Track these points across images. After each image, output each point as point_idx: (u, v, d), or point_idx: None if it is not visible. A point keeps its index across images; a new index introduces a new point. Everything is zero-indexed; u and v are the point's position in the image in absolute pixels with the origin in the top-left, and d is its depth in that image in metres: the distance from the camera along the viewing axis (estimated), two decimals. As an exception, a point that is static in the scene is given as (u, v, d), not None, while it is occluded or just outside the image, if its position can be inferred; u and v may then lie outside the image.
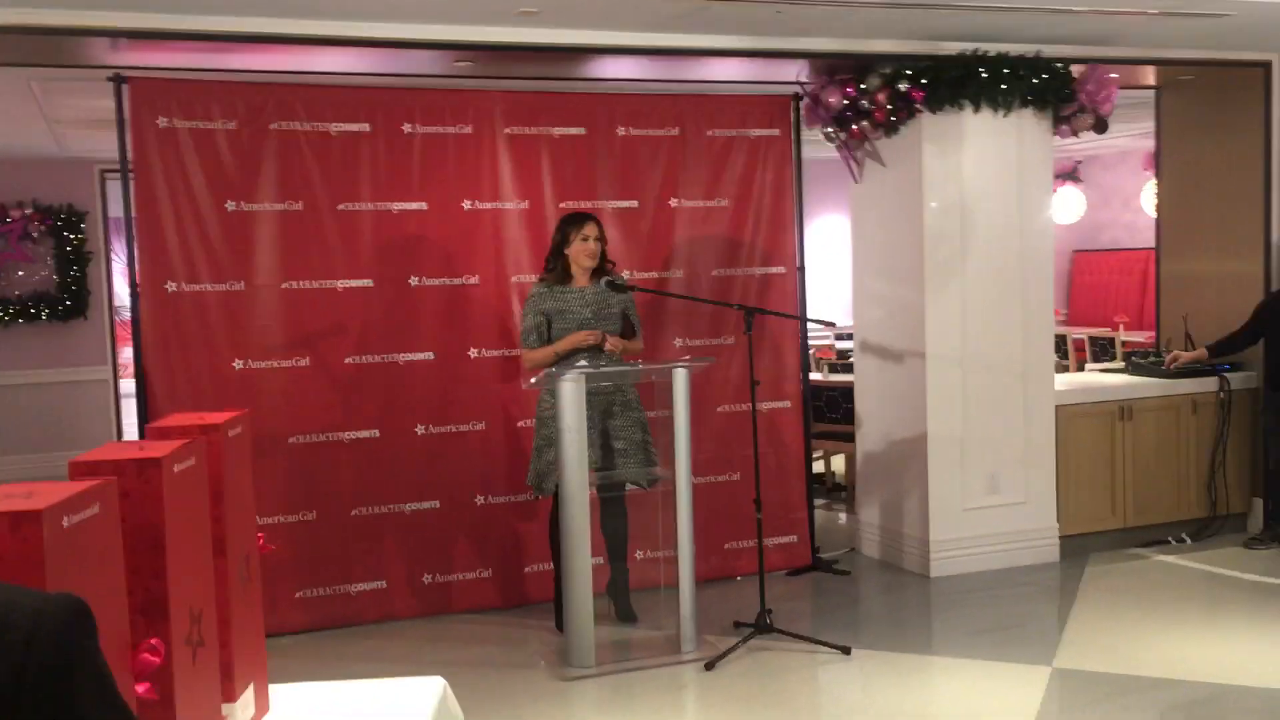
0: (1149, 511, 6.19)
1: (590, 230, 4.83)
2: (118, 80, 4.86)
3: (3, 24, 4.32)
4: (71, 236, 8.84)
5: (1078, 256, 12.01)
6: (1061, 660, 4.50)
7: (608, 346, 4.78)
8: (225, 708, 2.00)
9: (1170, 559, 5.95)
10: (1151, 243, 7.36)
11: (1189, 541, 6.19)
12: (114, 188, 8.60)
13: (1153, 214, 7.40)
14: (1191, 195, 6.77)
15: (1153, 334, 7.50)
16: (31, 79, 5.70)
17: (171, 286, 4.97)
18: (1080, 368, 8.99)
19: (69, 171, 8.81)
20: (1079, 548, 6.00)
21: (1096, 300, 11.70)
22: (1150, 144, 7.63)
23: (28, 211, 8.73)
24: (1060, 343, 9.43)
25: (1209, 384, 6.31)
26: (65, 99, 6.31)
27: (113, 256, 9.44)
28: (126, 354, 9.84)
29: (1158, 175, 7.07)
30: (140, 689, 1.58)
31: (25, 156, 8.52)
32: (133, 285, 4.98)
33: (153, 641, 1.61)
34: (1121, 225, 11.67)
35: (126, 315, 5.14)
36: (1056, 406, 5.93)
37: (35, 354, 8.86)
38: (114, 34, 4.51)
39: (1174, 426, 6.25)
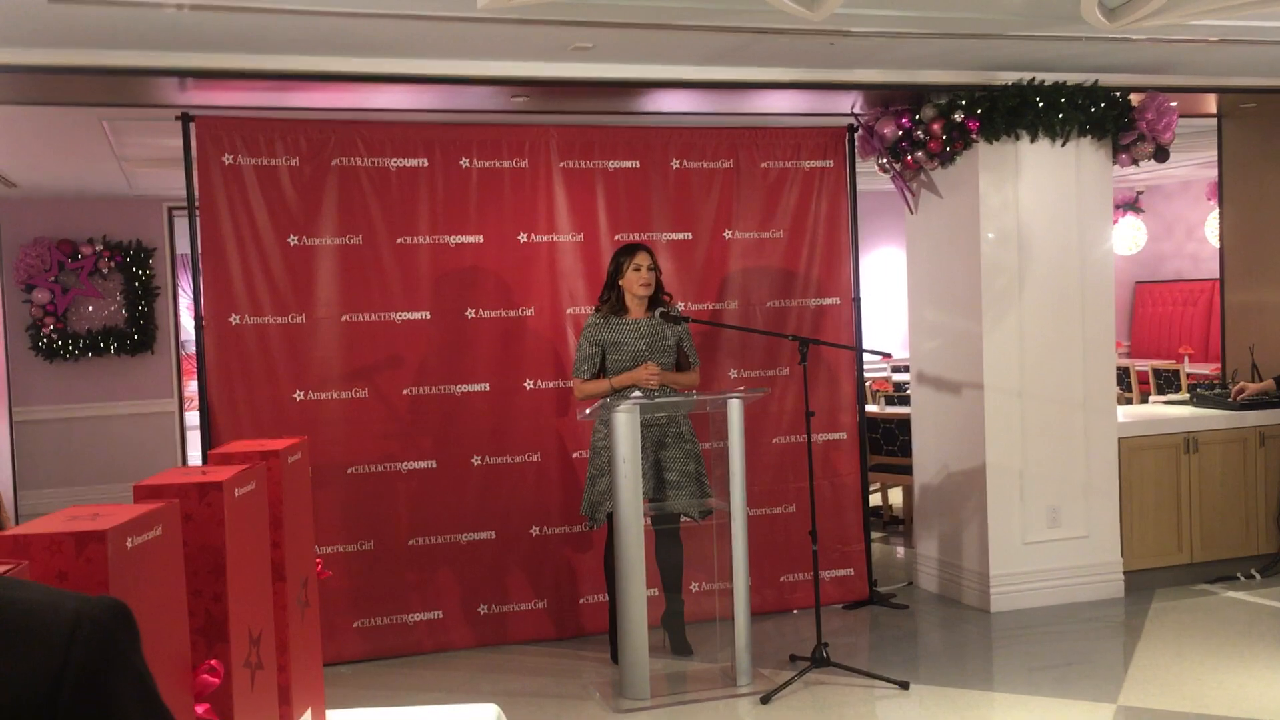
0: (1216, 547, 6.05)
1: (642, 260, 4.86)
2: (185, 119, 5.00)
3: (77, 64, 4.47)
4: (140, 272, 9.06)
5: (1140, 288, 11.82)
6: (1126, 698, 4.40)
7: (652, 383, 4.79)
8: (283, 731, 2.02)
9: (1238, 595, 5.80)
10: (1216, 273, 7.24)
11: (1258, 578, 6.03)
12: (181, 225, 8.85)
13: (1216, 244, 7.27)
14: (1256, 224, 6.65)
15: (1218, 366, 7.35)
16: (103, 118, 5.87)
17: (235, 319, 5.07)
18: (1144, 400, 8.83)
19: (138, 209, 9.05)
20: (1144, 583, 5.88)
21: (1160, 332, 11.51)
22: (1213, 173, 7.52)
23: (98, 248, 8.97)
24: (1123, 375, 9.28)
25: (1276, 416, 6.16)
26: (135, 138, 6.49)
27: (179, 292, 9.66)
28: (192, 387, 10.03)
29: (1221, 205, 6.96)
30: (200, 709, 1.61)
31: (97, 194, 8.78)
32: (198, 318, 5.09)
33: (212, 663, 1.65)
34: (1185, 256, 11.48)
35: (192, 349, 5.25)
36: (1119, 439, 5.83)
37: (104, 387, 9.08)
38: (182, 74, 4.64)
39: (1240, 459, 6.11)
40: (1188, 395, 6.93)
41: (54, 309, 8.87)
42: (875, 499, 7.62)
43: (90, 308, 9.01)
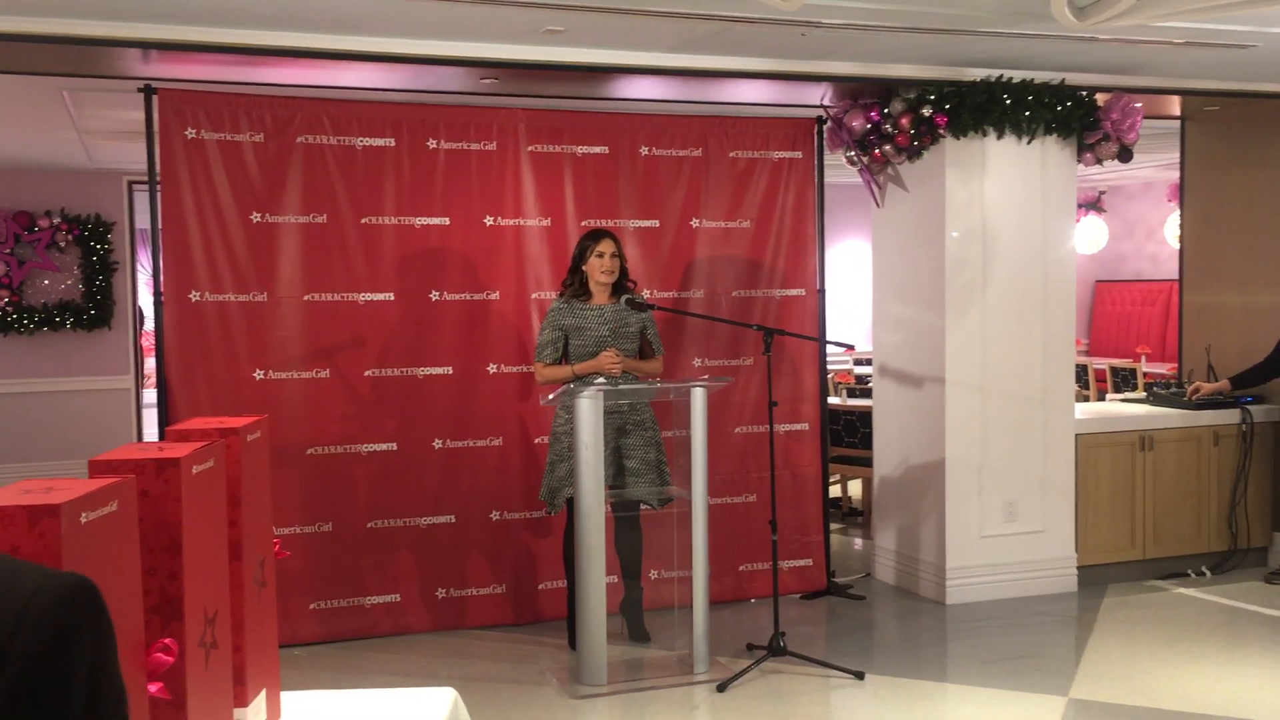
0: (1168, 543, 6.14)
1: (606, 247, 4.84)
2: (148, 91, 4.92)
3: (37, 33, 4.38)
4: (98, 246, 8.91)
5: (1100, 287, 11.96)
6: (1078, 691, 4.46)
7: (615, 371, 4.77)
8: (237, 713, 2.00)
9: (1189, 592, 5.89)
10: (1174, 274, 7.33)
11: (1208, 574, 6.13)
12: (141, 200, 8.72)
13: (1176, 245, 7.36)
14: (1216, 226, 6.74)
15: (1175, 366, 7.45)
16: (63, 88, 5.77)
17: (195, 296, 5.01)
18: (1101, 398, 8.94)
19: (97, 182, 8.91)
20: (1097, 578, 5.95)
21: (1118, 331, 11.65)
22: (1175, 175, 7.61)
23: (56, 221, 8.82)
24: (1081, 373, 9.39)
25: (1231, 416, 6.26)
26: (96, 109, 6.38)
27: (138, 267, 9.52)
28: (149, 364, 9.91)
29: (1182, 206, 7.04)
30: (153, 688, 1.59)
31: (55, 166, 8.62)
32: (157, 294, 5.02)
33: (166, 641, 1.62)
34: (1145, 256, 11.63)
35: (150, 325, 5.18)
36: (1076, 435, 5.90)
37: (59, 362, 8.93)
38: (146, 45, 4.56)
39: (1195, 458, 6.20)
40: (1144, 394, 7.02)
41: (9, 282, 8.72)
42: (835, 490, 7.66)
43: (46, 281, 8.86)
